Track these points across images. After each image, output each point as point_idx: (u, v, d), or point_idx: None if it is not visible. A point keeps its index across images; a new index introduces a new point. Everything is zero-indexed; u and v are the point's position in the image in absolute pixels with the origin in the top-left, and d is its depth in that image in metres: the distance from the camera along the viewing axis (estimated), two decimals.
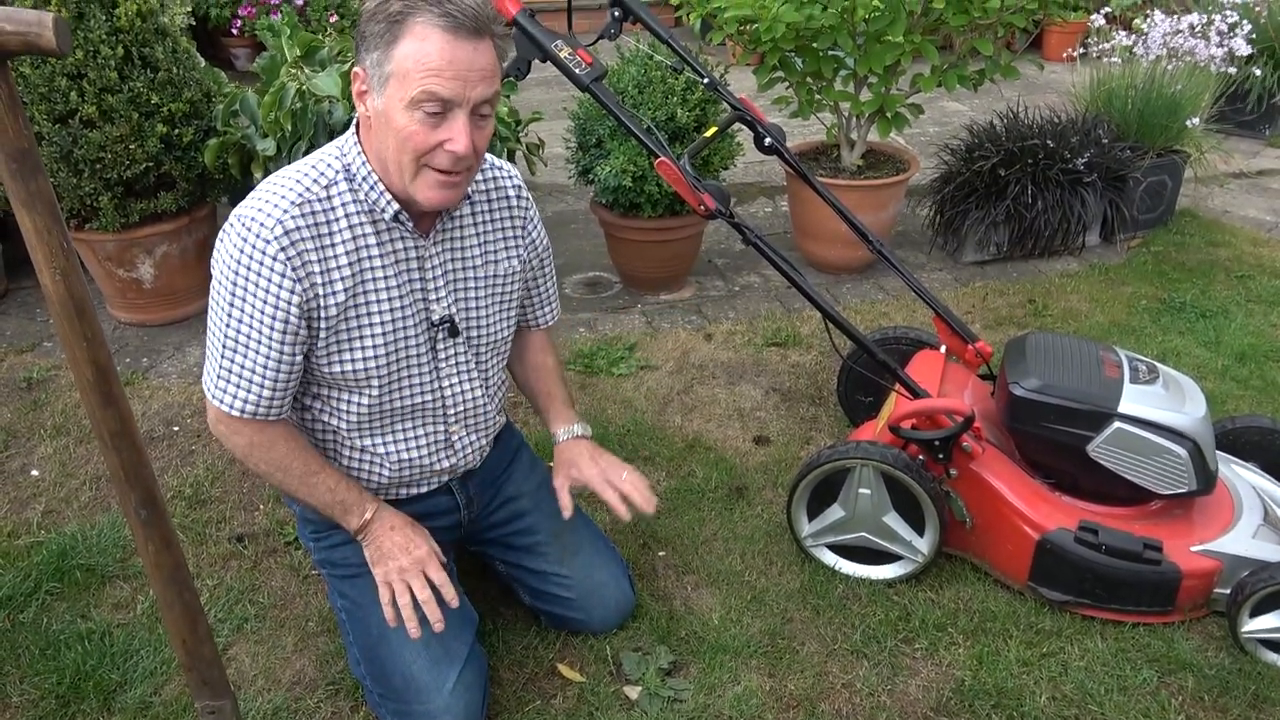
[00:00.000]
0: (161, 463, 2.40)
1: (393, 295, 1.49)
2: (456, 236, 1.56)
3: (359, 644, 1.65)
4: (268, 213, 1.38)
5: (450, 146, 1.34)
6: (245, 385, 1.45)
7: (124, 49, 2.65)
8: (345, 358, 1.49)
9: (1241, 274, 3.37)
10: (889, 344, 2.39)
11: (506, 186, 1.64)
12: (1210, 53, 3.51)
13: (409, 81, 1.30)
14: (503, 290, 1.64)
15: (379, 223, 1.46)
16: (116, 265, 2.88)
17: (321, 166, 1.44)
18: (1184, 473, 1.83)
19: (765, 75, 3.17)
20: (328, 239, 1.42)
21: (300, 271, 1.39)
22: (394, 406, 1.57)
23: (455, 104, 1.33)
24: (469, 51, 1.31)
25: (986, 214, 3.34)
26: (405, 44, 1.29)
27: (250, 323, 1.41)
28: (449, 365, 1.60)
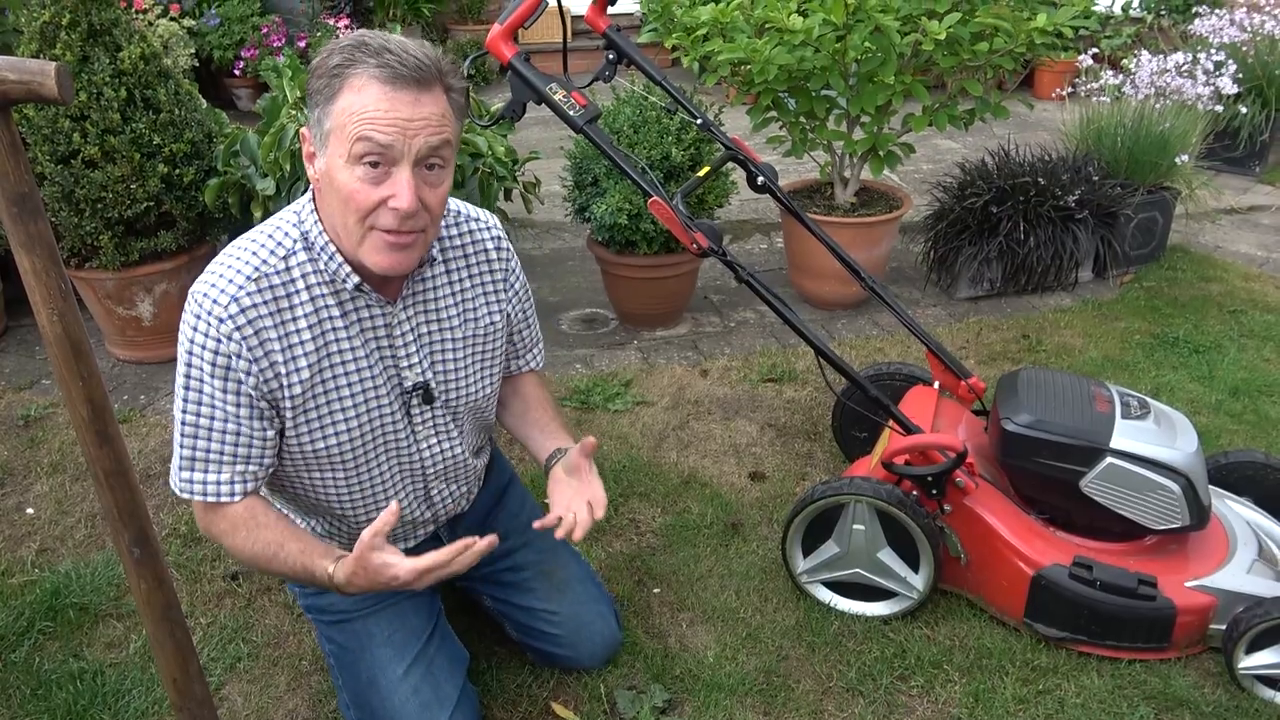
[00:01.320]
0: (157, 500, 2.40)
1: (361, 368, 1.41)
2: (429, 298, 1.48)
3: (349, 689, 1.64)
4: (221, 288, 1.30)
5: (393, 203, 1.25)
6: (215, 468, 1.37)
7: (127, 91, 2.70)
8: (316, 437, 1.42)
9: (1234, 309, 3.39)
10: (882, 380, 2.40)
11: (484, 239, 1.55)
12: (1197, 91, 3.57)
13: (345, 134, 1.22)
14: (484, 349, 1.58)
15: (341, 293, 1.37)
16: (116, 303, 2.90)
17: (279, 236, 1.35)
18: (1177, 508, 1.83)
19: (759, 115, 3.22)
20: (288, 313, 1.34)
21: (258, 352, 1.32)
22: (370, 475, 1.51)
23: (396, 154, 1.23)
24: (408, 101, 1.22)
25: (979, 250, 3.38)
26: (343, 98, 1.22)
27: (209, 401, 1.33)
28: (425, 429, 1.54)
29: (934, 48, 2.85)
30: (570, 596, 1.80)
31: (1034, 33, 2.78)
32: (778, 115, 3.22)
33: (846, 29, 2.83)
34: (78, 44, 2.65)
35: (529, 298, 1.69)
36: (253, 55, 5.26)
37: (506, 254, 1.59)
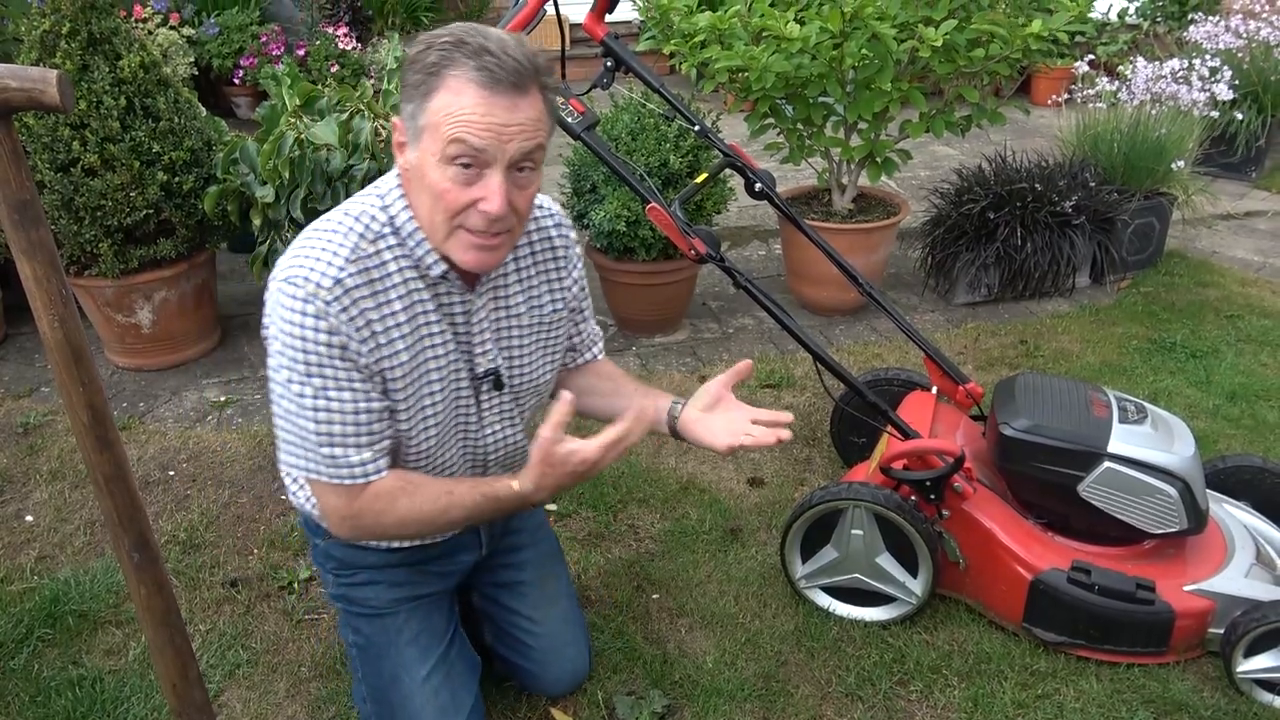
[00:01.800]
0: (156, 507, 2.40)
1: (448, 352, 1.43)
2: (501, 286, 1.49)
3: (369, 683, 1.63)
4: (323, 271, 1.28)
5: (484, 206, 1.25)
6: (355, 450, 1.35)
7: (126, 99, 2.71)
8: (401, 420, 1.41)
9: (1231, 314, 3.40)
10: (880, 385, 2.41)
11: (549, 227, 1.55)
12: (1193, 97, 3.58)
13: (440, 134, 1.22)
14: (549, 336, 1.58)
15: (426, 278, 1.38)
16: (115, 311, 2.90)
17: (366, 220, 1.35)
18: (1175, 512, 1.84)
19: (756, 122, 3.23)
20: (383, 295, 1.34)
21: (364, 332, 1.32)
22: (439, 460, 1.50)
23: (489, 158, 1.24)
24: (505, 107, 1.22)
25: (977, 256, 3.38)
26: (439, 97, 1.22)
27: (335, 385, 1.32)
28: (492, 414, 1.54)
29: (930, 55, 2.86)
30: (556, 611, 1.78)
31: (1029, 39, 2.80)
32: (775, 122, 3.23)
33: (843, 36, 2.84)
34: (77, 53, 2.66)
35: (585, 287, 1.67)
36: (252, 64, 5.27)
37: (568, 241, 1.59)
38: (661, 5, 3.07)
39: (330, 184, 2.80)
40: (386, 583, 1.62)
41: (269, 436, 2.69)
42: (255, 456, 2.60)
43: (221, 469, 2.56)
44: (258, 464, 2.57)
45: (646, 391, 1.66)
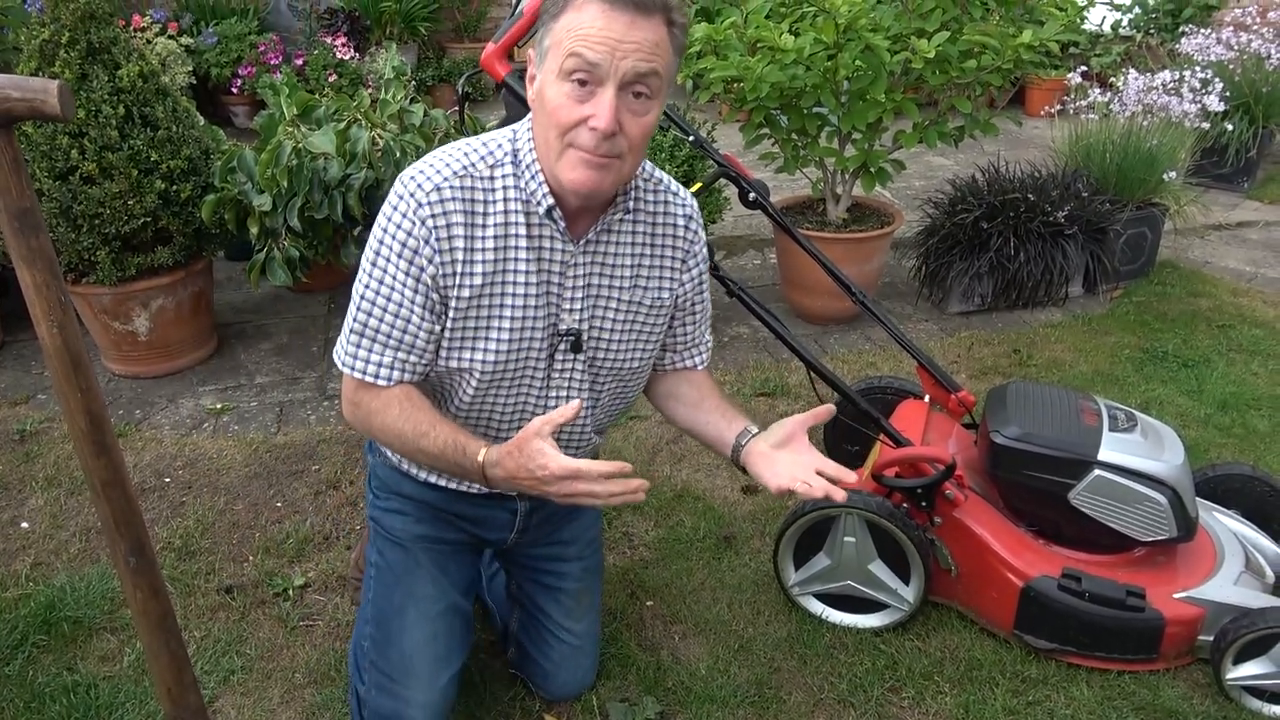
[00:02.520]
0: (152, 514, 2.41)
1: (528, 294, 1.41)
2: (608, 252, 1.46)
3: (376, 605, 1.64)
4: (428, 175, 1.35)
5: (593, 123, 1.25)
6: (379, 349, 1.39)
7: (125, 108, 2.72)
8: (466, 353, 1.42)
9: (1222, 323, 3.42)
10: (873, 394, 2.42)
11: (676, 213, 1.53)
12: (1184, 109, 3.61)
13: (560, 50, 1.25)
14: (645, 320, 1.53)
15: (532, 215, 1.38)
16: (112, 318, 2.91)
17: (492, 146, 1.39)
18: (1164, 519, 1.85)
19: (751, 132, 3.25)
20: (480, 219, 1.36)
21: (444, 244, 1.34)
22: (495, 402, 1.49)
23: (603, 74, 1.24)
24: (624, 23, 1.23)
25: (970, 266, 3.41)
26: (565, 16, 1.25)
27: (390, 281, 1.36)
28: (561, 378, 1.50)
29: (923, 66, 2.89)
30: (584, 625, 1.80)
31: (1021, 49, 2.82)
32: (770, 132, 3.25)
33: (837, 48, 2.87)
34: (77, 62, 2.67)
35: (703, 292, 1.63)
36: (250, 73, 5.29)
37: (694, 235, 1.56)
38: None
39: (327, 192, 2.82)
40: (414, 516, 1.63)
41: (265, 444, 2.70)
42: (251, 464, 2.61)
43: (217, 476, 2.56)
44: (253, 471, 2.58)
45: (725, 411, 1.60)
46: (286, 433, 2.76)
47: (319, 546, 2.29)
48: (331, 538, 2.32)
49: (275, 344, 3.29)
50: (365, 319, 1.39)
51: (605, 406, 1.61)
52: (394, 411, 1.41)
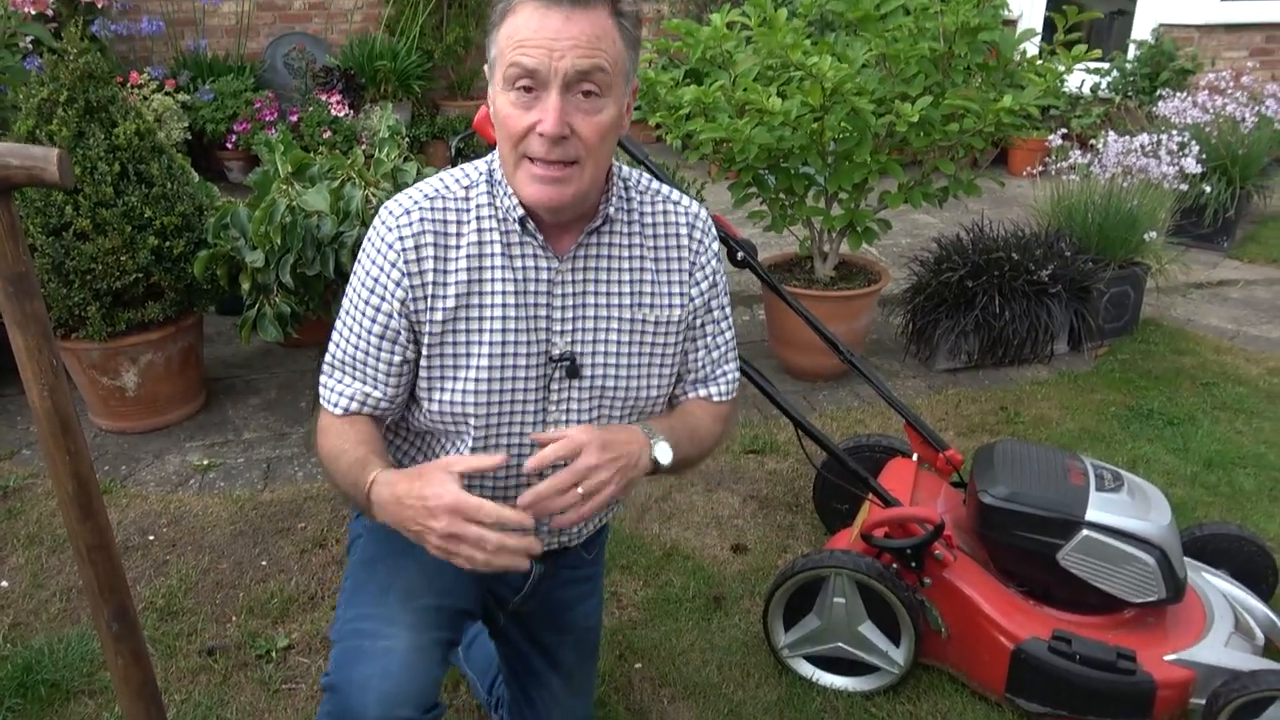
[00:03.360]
0: (135, 573, 2.38)
1: (507, 315, 1.32)
2: (600, 267, 1.36)
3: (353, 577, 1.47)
4: (399, 202, 1.32)
5: (540, 128, 1.20)
6: (339, 378, 1.37)
7: (120, 165, 2.75)
8: (448, 383, 1.34)
9: (1206, 381, 3.45)
10: (862, 452, 2.43)
11: (678, 222, 1.41)
12: (1162, 170, 3.69)
13: (503, 60, 1.21)
14: (654, 341, 1.41)
15: (511, 233, 1.33)
16: (100, 373, 2.90)
17: (469, 169, 1.36)
18: (1153, 580, 1.85)
19: (740, 192, 3.30)
20: (451, 238, 1.32)
21: (413, 265, 1.29)
22: (494, 445, 1.38)
23: (544, 76, 1.19)
24: (559, 19, 1.18)
25: (956, 323, 3.44)
26: (505, 24, 1.22)
27: (354, 312, 1.34)
28: (558, 409, 1.39)
29: (907, 129, 2.95)
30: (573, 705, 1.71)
31: (1001, 113, 2.89)
32: (758, 191, 3.31)
33: (824, 110, 2.93)
34: (74, 120, 2.70)
35: (720, 304, 1.47)
36: (245, 129, 5.35)
37: (700, 238, 1.43)
38: (649, 78, 3.16)
39: (320, 249, 2.84)
40: None
41: (251, 501, 2.68)
42: (237, 521, 2.59)
43: (202, 534, 2.54)
44: (239, 529, 2.56)
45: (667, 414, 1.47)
46: (273, 490, 2.74)
47: (304, 606, 2.26)
48: (317, 597, 2.29)
49: (264, 399, 3.28)
50: (334, 349, 1.38)
51: None
52: (332, 433, 1.35)
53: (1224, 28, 6.31)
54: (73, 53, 2.74)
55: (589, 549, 1.64)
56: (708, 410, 1.50)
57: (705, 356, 1.48)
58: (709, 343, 1.48)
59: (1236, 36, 6.37)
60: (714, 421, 1.50)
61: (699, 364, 1.48)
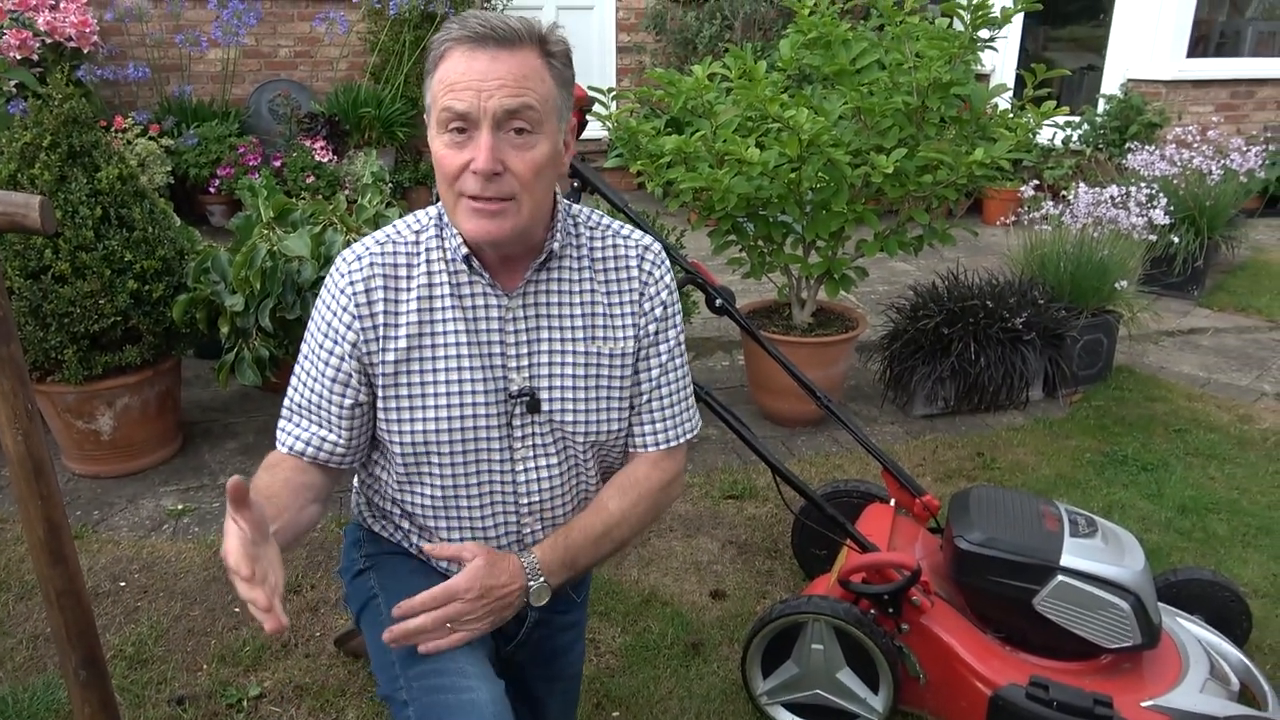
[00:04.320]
0: (104, 619, 2.34)
1: (462, 354, 1.35)
2: (551, 302, 1.38)
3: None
4: (353, 249, 1.37)
5: (473, 165, 1.23)
6: (295, 421, 1.38)
7: (102, 209, 2.76)
8: (406, 424, 1.35)
9: (1179, 428, 3.50)
10: (840, 497, 2.44)
11: (628, 254, 1.41)
12: (1131, 221, 3.78)
13: (436, 105, 1.25)
14: (610, 375, 1.41)
15: (459, 272, 1.35)
16: (75, 417, 2.88)
17: (420, 214, 1.40)
18: (1128, 626, 1.86)
19: (719, 239, 3.35)
20: (403, 281, 1.35)
21: (364, 309, 1.33)
22: (465, 486, 1.39)
23: (474, 118, 1.22)
24: (485, 61, 1.21)
25: (933, 369, 3.48)
26: (437, 71, 1.25)
27: (310, 356, 1.37)
28: (524, 446, 1.39)
29: (882, 180, 3.01)
30: None
31: (974, 165, 2.96)
32: (737, 239, 3.35)
33: (801, 161, 2.99)
34: (57, 164, 2.72)
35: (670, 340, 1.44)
36: (228, 173, 5.38)
37: (650, 269, 1.42)
38: (630, 126, 3.22)
39: (300, 294, 2.85)
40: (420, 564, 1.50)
41: None
42: (210, 567, 2.56)
43: (175, 580, 2.50)
44: (212, 574, 2.52)
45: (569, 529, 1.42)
46: None
47: (276, 654, 2.23)
48: (290, 644, 2.26)
49: (241, 443, 3.25)
50: (291, 393, 1.40)
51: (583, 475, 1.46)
52: (271, 470, 1.35)
53: (1190, 83, 6.50)
54: (57, 98, 2.76)
55: (578, 590, 1.65)
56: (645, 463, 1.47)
57: (650, 390, 1.44)
58: (653, 377, 1.44)
59: (1203, 92, 6.56)
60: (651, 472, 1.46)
61: (642, 398, 1.44)
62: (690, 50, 6.40)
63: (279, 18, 6.17)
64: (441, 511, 1.42)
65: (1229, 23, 7.08)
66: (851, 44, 3.12)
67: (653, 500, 1.47)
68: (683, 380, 1.48)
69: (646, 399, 1.45)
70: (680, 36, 6.56)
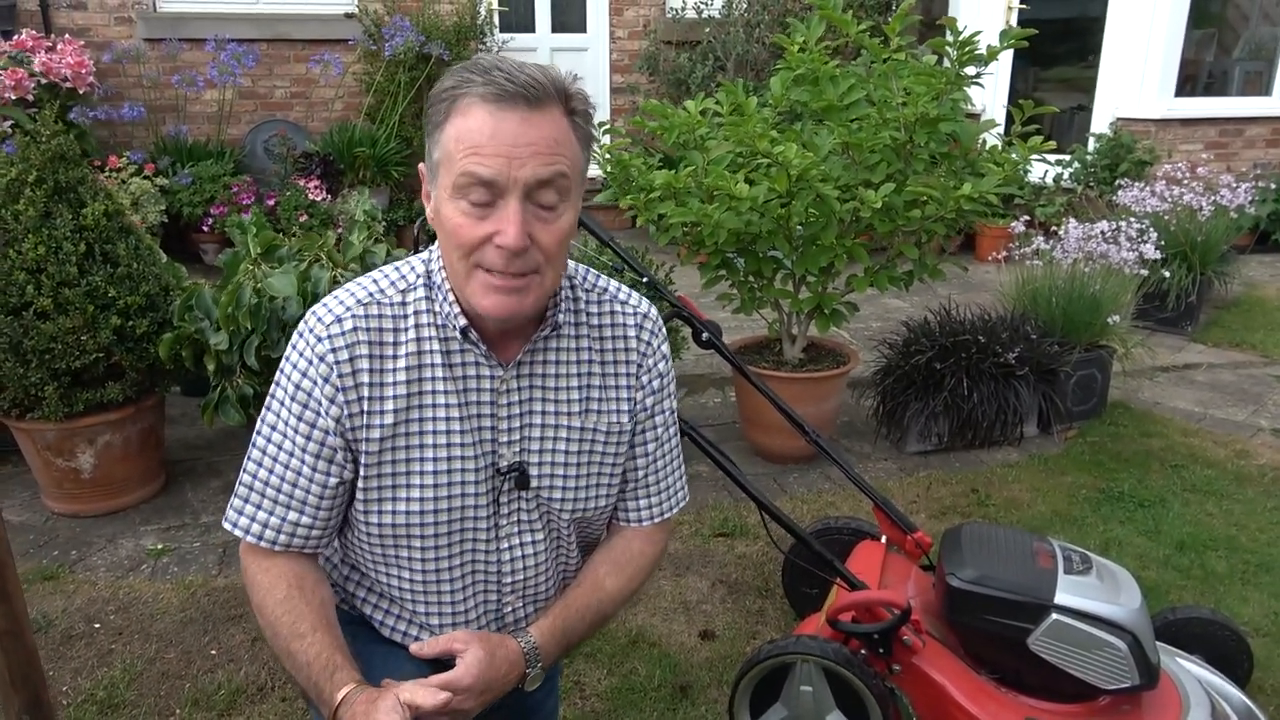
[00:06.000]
0: (77, 662, 2.28)
1: (451, 429, 1.23)
2: (548, 374, 1.29)
3: None
4: (330, 308, 1.21)
5: (499, 240, 1.11)
6: (268, 506, 1.22)
7: (87, 245, 2.74)
8: (387, 505, 1.24)
9: (1175, 464, 3.46)
10: (830, 534, 2.40)
11: (626, 322, 1.34)
12: (1122, 256, 3.77)
13: (452, 166, 1.12)
14: (603, 452, 1.33)
15: (451, 340, 1.23)
16: (55, 454, 2.84)
17: (405, 270, 1.26)
18: (1125, 666, 1.81)
19: (709, 274, 3.33)
20: (389, 349, 1.21)
21: (348, 380, 1.19)
22: (448, 569, 1.30)
23: (501, 187, 1.10)
24: (515, 123, 1.09)
25: (926, 405, 3.45)
26: (450, 124, 1.12)
27: (282, 428, 1.21)
28: (510, 524, 1.31)
29: (871, 214, 3.00)
30: None
31: (962, 200, 2.95)
32: (727, 274, 3.34)
33: (790, 196, 2.99)
34: (42, 200, 2.71)
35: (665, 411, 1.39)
36: (222, 212, 5.38)
37: (649, 339, 1.36)
38: (622, 160, 3.22)
39: (285, 330, 2.82)
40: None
41: (204, 587, 2.60)
42: (188, 608, 2.50)
43: (151, 621, 2.44)
44: (189, 616, 2.46)
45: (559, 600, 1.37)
46: (227, 575, 2.65)
47: (252, 698, 2.17)
48: (266, 688, 2.20)
49: (225, 482, 3.21)
50: (255, 469, 1.23)
51: (564, 553, 1.39)
52: (279, 594, 1.22)
53: (1179, 122, 6.54)
54: (45, 134, 2.76)
55: None
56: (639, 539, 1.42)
57: (647, 465, 1.39)
58: (649, 451, 1.39)
59: (1191, 130, 6.60)
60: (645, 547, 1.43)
61: (638, 473, 1.39)
62: (683, 91, 6.45)
63: (275, 59, 6.23)
64: (420, 593, 1.31)
65: (1216, 63, 7.16)
66: (839, 80, 3.13)
67: (645, 575, 1.43)
68: (676, 451, 1.43)
69: (642, 474, 1.39)
70: (673, 77, 6.62)
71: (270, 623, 1.22)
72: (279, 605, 1.21)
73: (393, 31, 5.87)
